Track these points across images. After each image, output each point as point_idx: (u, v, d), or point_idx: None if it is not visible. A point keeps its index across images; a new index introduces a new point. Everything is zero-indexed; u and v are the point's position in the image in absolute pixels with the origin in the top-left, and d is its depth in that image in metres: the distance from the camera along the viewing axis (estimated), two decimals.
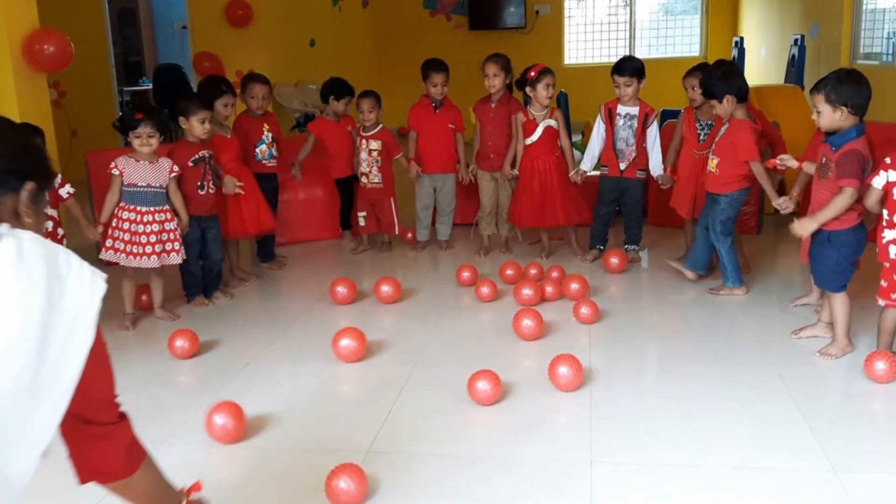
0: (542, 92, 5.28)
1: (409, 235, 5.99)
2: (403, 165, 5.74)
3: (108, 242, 4.25)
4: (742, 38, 10.55)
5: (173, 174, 4.35)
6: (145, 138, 4.22)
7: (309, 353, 3.97)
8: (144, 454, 1.65)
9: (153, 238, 4.25)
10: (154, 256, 4.26)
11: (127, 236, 4.23)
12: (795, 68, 8.48)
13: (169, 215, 4.34)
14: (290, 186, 5.90)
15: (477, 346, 4.01)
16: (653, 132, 5.25)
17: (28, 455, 1.34)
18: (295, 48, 9.66)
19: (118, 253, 4.24)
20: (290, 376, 3.72)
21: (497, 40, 12.56)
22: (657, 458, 2.85)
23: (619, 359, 3.83)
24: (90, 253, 4.65)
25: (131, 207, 4.25)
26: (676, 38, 13.37)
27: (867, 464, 2.80)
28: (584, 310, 4.25)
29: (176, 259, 4.39)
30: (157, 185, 4.28)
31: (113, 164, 4.25)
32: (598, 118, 5.33)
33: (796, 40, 8.62)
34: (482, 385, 3.25)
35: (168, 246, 4.33)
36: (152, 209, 4.27)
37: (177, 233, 4.37)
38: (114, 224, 4.26)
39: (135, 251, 4.23)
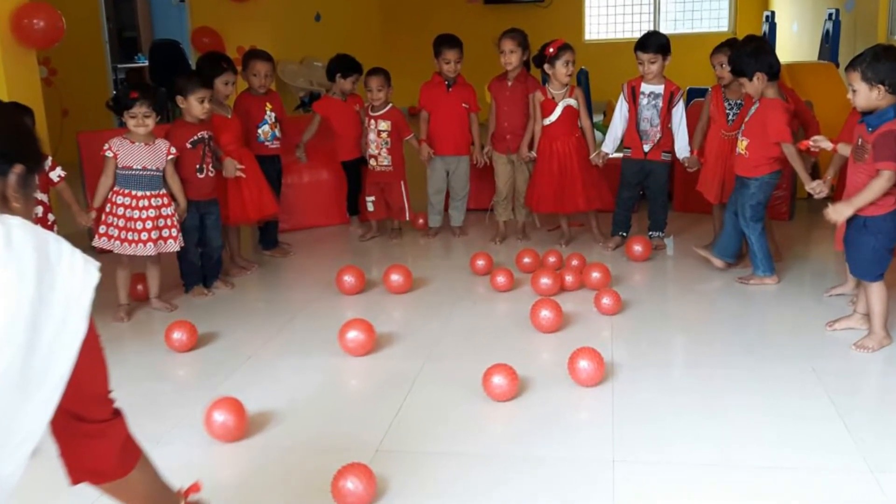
0: (561, 69, 5.27)
1: (421, 221, 6.02)
2: (414, 147, 5.75)
3: (102, 229, 4.26)
4: (773, 13, 10.48)
5: (170, 156, 4.36)
6: (141, 118, 4.22)
7: (314, 347, 3.97)
8: (140, 453, 1.65)
9: (149, 224, 4.26)
10: (150, 244, 4.26)
11: (121, 222, 4.24)
12: (830, 44, 8.43)
13: (166, 200, 4.35)
14: (294, 169, 5.92)
15: (492, 339, 4.01)
16: (679, 112, 5.24)
17: (16, 454, 1.34)
18: (299, 23, 9.68)
19: (112, 240, 4.24)
20: (294, 371, 3.72)
21: (514, 15, 12.59)
22: (683, 457, 2.84)
23: (643, 352, 3.83)
24: (82, 240, 4.71)
25: (126, 192, 4.26)
26: (704, 12, 13.35)
27: None
28: (606, 300, 4.24)
29: (173, 246, 4.40)
30: (154, 167, 4.29)
31: (107, 146, 4.26)
32: (621, 97, 5.33)
33: (830, 15, 8.56)
34: (498, 380, 3.25)
35: (165, 233, 4.34)
36: (148, 193, 4.28)
37: (174, 219, 4.38)
38: (107, 209, 4.26)
39: (129, 238, 4.24)
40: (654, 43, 5.20)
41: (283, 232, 5.77)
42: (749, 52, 4.50)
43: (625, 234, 5.43)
